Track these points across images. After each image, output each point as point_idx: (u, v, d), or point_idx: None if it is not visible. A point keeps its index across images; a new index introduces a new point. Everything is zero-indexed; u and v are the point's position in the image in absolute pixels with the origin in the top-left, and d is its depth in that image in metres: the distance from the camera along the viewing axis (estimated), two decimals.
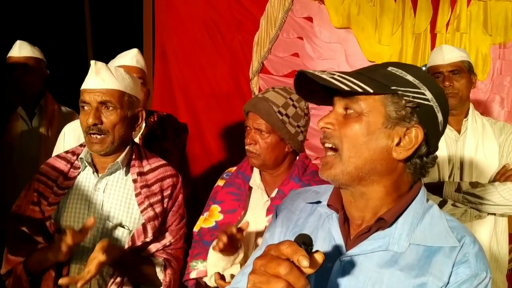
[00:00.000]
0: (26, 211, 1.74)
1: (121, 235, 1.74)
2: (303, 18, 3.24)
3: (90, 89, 1.70)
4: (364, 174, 1.02)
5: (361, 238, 1.05)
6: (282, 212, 1.23)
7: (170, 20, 3.37)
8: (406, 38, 3.08)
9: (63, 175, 1.78)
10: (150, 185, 1.80)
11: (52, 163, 1.83)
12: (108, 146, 1.72)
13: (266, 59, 3.27)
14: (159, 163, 1.88)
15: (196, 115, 3.38)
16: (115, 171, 1.80)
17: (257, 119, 1.81)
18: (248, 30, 3.29)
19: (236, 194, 1.89)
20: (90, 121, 1.67)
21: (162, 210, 1.79)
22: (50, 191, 1.75)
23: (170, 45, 3.39)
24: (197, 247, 1.87)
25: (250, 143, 1.83)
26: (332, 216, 1.11)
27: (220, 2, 3.30)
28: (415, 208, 1.05)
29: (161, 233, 1.80)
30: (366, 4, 3.12)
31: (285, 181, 1.84)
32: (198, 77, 3.37)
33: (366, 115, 1.01)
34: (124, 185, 1.79)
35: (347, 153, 1.02)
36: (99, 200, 1.76)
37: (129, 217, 1.77)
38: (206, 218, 1.91)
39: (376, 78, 1.02)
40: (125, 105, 1.73)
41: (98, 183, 1.77)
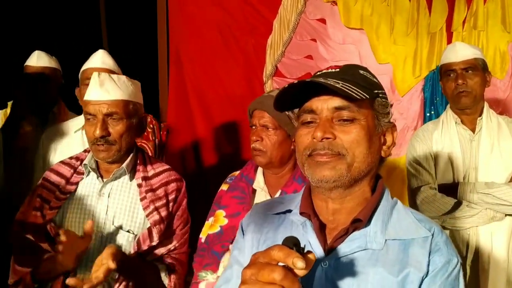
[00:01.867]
0: (29, 217, 1.76)
1: (126, 239, 1.75)
2: (316, 20, 3.22)
3: (95, 101, 1.71)
4: (362, 176, 1.05)
5: (339, 241, 1.04)
6: (250, 227, 1.20)
7: (184, 25, 3.39)
8: (421, 38, 3.02)
9: (66, 180, 1.79)
10: (155, 189, 1.81)
11: (55, 169, 1.85)
12: (115, 154, 1.74)
13: (280, 62, 3.25)
14: (163, 167, 1.89)
15: (211, 118, 3.39)
16: (120, 176, 1.81)
17: (263, 116, 1.81)
18: (261, 34, 3.28)
19: (240, 197, 1.88)
20: (98, 133, 1.69)
21: (167, 214, 1.79)
22: (52, 195, 1.77)
23: (185, 50, 3.41)
24: (206, 257, 1.84)
25: (256, 140, 1.81)
26: (305, 223, 1.09)
27: (233, 7, 3.31)
28: (384, 205, 1.08)
29: (166, 237, 1.80)
30: (380, 4, 3.07)
31: (289, 182, 1.83)
32: (212, 81, 3.38)
33: (364, 121, 1.03)
34: (129, 190, 1.80)
35: (354, 159, 1.02)
36: (104, 205, 1.77)
37: (134, 221, 1.78)
38: (211, 224, 1.90)
39: (361, 83, 1.04)
40: (131, 114, 1.75)
41: (103, 188, 1.79)
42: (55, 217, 1.76)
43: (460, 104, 2.25)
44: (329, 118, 1.03)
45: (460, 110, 2.28)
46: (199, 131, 3.40)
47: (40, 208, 1.76)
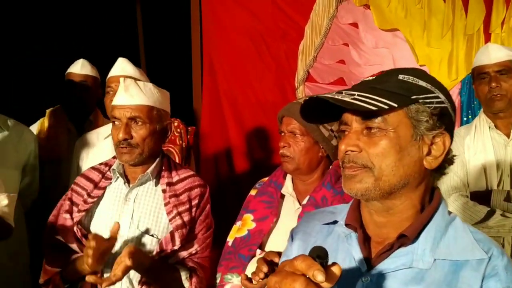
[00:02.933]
0: (60, 220, 1.85)
1: (150, 243, 1.80)
2: (348, 24, 3.18)
3: (120, 105, 1.78)
4: (396, 189, 0.99)
5: (383, 256, 0.99)
6: (298, 235, 1.19)
7: (216, 34, 3.45)
8: (457, 40, 2.93)
9: (94, 185, 1.86)
10: (179, 194, 1.85)
11: (86, 174, 1.93)
12: (137, 156, 1.78)
13: (312, 67, 3.24)
14: (187, 173, 1.92)
15: (243, 125, 3.42)
16: (145, 181, 1.86)
17: (291, 122, 1.81)
18: (293, 39, 3.28)
19: (268, 202, 1.89)
20: (121, 136, 1.75)
21: (190, 219, 1.82)
22: (81, 199, 1.84)
23: (217, 59, 3.45)
24: (233, 260, 1.86)
25: (284, 146, 1.82)
26: (351, 235, 1.06)
27: (264, 13, 3.33)
28: (438, 221, 1.00)
29: (188, 241, 1.83)
30: (414, 6, 3.00)
31: (317, 188, 1.82)
32: (244, 88, 3.41)
33: (394, 131, 0.96)
34: (154, 195, 1.85)
35: (381, 172, 0.97)
36: (130, 210, 1.82)
37: (158, 226, 1.82)
38: (239, 228, 1.92)
39: (393, 90, 0.97)
40: (154, 119, 1.79)
41: (129, 193, 1.84)
42: (83, 220, 1.83)
43: (493, 107, 2.17)
44: (358, 129, 0.99)
45: (494, 114, 2.19)
46: (232, 137, 3.43)
47: (70, 211, 1.84)
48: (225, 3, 3.44)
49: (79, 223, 1.81)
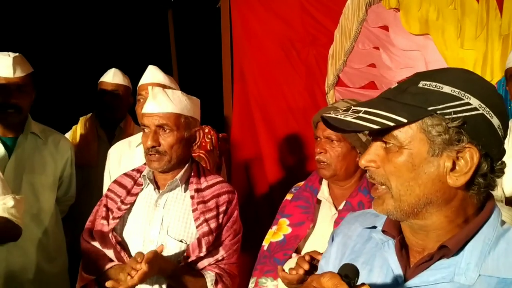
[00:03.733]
0: (96, 226, 1.89)
1: (179, 249, 1.82)
2: (378, 27, 3.14)
3: (149, 113, 1.82)
4: (419, 209, 0.92)
5: (422, 267, 0.93)
6: (338, 237, 1.15)
7: (246, 41, 3.47)
8: (492, 40, 2.84)
9: (127, 191, 1.90)
10: (206, 201, 1.86)
11: (119, 180, 1.98)
12: (165, 164, 1.82)
13: (342, 71, 3.21)
14: (216, 180, 1.94)
15: (274, 131, 3.42)
16: (175, 187, 1.89)
17: (326, 128, 1.79)
18: (322, 44, 3.26)
19: (304, 207, 1.88)
20: (149, 144, 1.79)
21: (217, 226, 1.83)
22: (115, 205, 1.89)
23: (248, 65, 3.48)
24: (267, 264, 1.86)
25: (320, 152, 1.80)
26: (388, 243, 1.01)
27: (294, 19, 3.33)
28: (487, 233, 0.91)
29: (215, 247, 1.85)
30: (446, 7, 2.93)
31: (354, 193, 1.79)
32: (275, 94, 3.41)
33: (407, 147, 0.89)
34: (183, 201, 1.87)
35: (397, 192, 0.92)
36: (159, 216, 1.86)
37: (187, 232, 1.84)
38: (274, 232, 1.91)
39: (408, 101, 0.89)
40: (182, 127, 1.82)
41: (159, 199, 1.87)
42: (117, 226, 1.87)
43: None
44: (378, 144, 0.95)
45: None
46: (262, 143, 3.44)
47: (106, 217, 1.90)
48: (255, 10, 3.46)
49: (113, 230, 1.85)
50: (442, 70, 0.95)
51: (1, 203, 1.87)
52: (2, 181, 1.94)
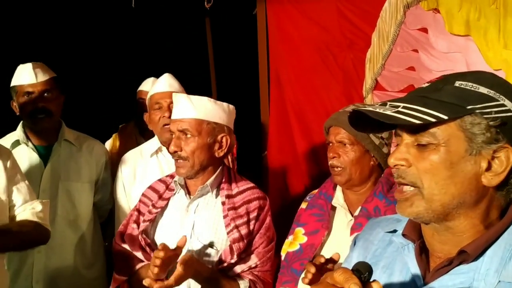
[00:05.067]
0: (128, 230, 1.94)
1: (210, 254, 1.84)
2: (417, 30, 3.07)
3: (173, 119, 1.87)
4: (451, 209, 0.91)
5: (441, 271, 0.93)
6: (360, 242, 1.16)
7: (282, 46, 3.47)
8: None
9: (159, 196, 1.93)
10: (237, 207, 1.87)
11: (153, 186, 2.02)
12: (189, 170, 1.84)
13: (380, 75, 3.15)
14: (247, 185, 1.94)
15: (311, 137, 3.39)
16: (206, 193, 1.90)
17: (339, 132, 1.78)
18: (360, 48, 3.22)
19: (318, 215, 1.86)
20: (171, 149, 1.84)
21: (248, 232, 1.83)
22: (147, 209, 1.92)
23: (284, 71, 3.47)
24: (285, 274, 1.85)
25: (334, 156, 1.78)
26: (408, 246, 1.01)
27: (331, 24, 3.30)
28: (508, 239, 0.90)
29: (248, 254, 1.85)
30: (487, 7, 2.84)
31: (369, 198, 1.76)
32: (312, 100, 3.38)
33: (444, 145, 0.89)
34: (214, 207, 1.89)
35: (430, 191, 0.90)
36: (190, 221, 1.88)
37: (218, 237, 1.86)
38: (291, 242, 1.90)
39: (446, 99, 0.89)
40: (205, 132, 1.83)
41: (190, 205, 1.89)
42: (149, 230, 1.90)
43: None
44: (409, 142, 0.93)
45: None
46: (300, 149, 3.42)
47: (137, 221, 1.94)
48: (291, 16, 3.46)
49: (144, 232, 1.88)
50: (474, 72, 0.98)
51: (30, 208, 1.94)
52: (28, 187, 2.01)
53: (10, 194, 1.93)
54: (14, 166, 1.99)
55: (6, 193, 1.91)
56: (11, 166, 1.97)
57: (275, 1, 3.48)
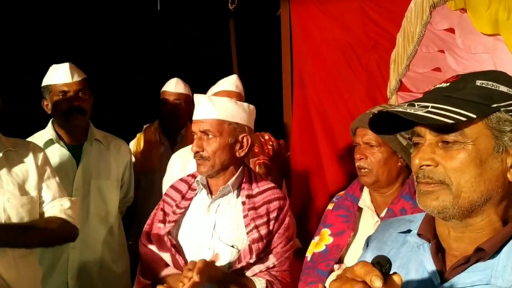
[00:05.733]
0: (154, 230, 1.95)
1: (230, 254, 1.84)
2: (443, 30, 3.02)
3: (195, 120, 1.89)
4: (477, 206, 0.92)
5: (458, 269, 0.93)
6: (373, 243, 1.16)
7: (306, 47, 3.46)
8: None
9: (182, 196, 1.94)
10: (257, 207, 1.87)
11: (175, 185, 2.03)
12: (210, 169, 1.85)
13: (405, 76, 3.10)
14: (267, 186, 1.94)
15: (334, 138, 3.37)
16: (227, 193, 1.91)
17: (366, 133, 1.77)
18: (384, 49, 3.18)
19: (345, 216, 1.86)
20: (193, 149, 1.85)
21: (267, 232, 1.83)
22: (171, 209, 1.93)
23: (307, 72, 3.46)
24: (311, 275, 1.85)
25: (361, 158, 1.78)
26: (423, 246, 1.01)
27: (355, 25, 3.27)
28: None
29: (266, 254, 1.85)
30: None
31: (395, 199, 1.75)
32: (335, 101, 3.36)
33: (473, 143, 0.90)
34: (235, 207, 1.90)
35: (459, 188, 0.91)
36: (212, 220, 1.89)
37: (238, 237, 1.87)
38: (317, 243, 1.90)
39: (471, 98, 0.90)
40: (226, 133, 1.84)
41: (211, 204, 1.90)
42: (172, 230, 1.91)
43: None
44: (433, 142, 0.93)
45: None
46: (323, 150, 3.40)
47: (162, 221, 1.96)
48: (315, 17, 3.44)
49: (169, 233, 1.89)
50: (489, 71, 0.98)
51: (59, 205, 1.97)
52: (58, 185, 2.05)
53: (40, 190, 1.97)
54: (45, 163, 2.03)
55: (37, 190, 1.95)
56: (42, 163, 2.00)
57: (299, 2, 3.47)
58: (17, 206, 1.86)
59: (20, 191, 1.89)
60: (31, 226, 1.85)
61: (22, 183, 1.91)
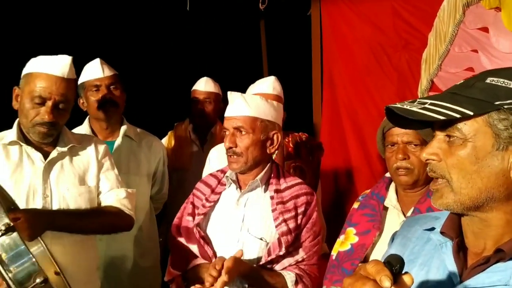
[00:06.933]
0: (183, 222, 2.01)
1: (259, 247, 1.87)
2: (477, 29, 2.97)
3: (228, 117, 1.92)
4: (480, 203, 0.93)
5: (478, 269, 0.94)
6: (398, 239, 1.17)
7: (337, 47, 3.46)
8: None
9: (211, 190, 1.99)
10: (285, 202, 1.90)
11: (205, 180, 2.08)
12: (242, 165, 1.89)
13: (436, 76, 3.07)
14: (295, 181, 1.97)
15: (364, 138, 3.36)
16: (255, 188, 1.95)
17: (406, 132, 1.74)
18: (415, 49, 3.15)
19: (370, 215, 1.84)
20: (227, 145, 1.89)
21: (295, 226, 1.86)
22: (200, 202, 1.98)
23: (338, 72, 3.46)
24: (336, 273, 1.85)
25: (404, 158, 1.74)
26: (446, 244, 1.02)
27: (385, 23, 3.26)
28: None
29: (295, 248, 1.87)
30: None
31: (422, 199, 1.73)
32: (365, 101, 3.36)
33: (471, 140, 0.91)
34: (263, 201, 1.93)
35: (458, 184, 0.93)
36: (241, 214, 1.92)
37: (267, 230, 1.89)
38: (342, 242, 1.90)
39: (475, 95, 0.91)
40: (258, 129, 1.88)
41: (240, 198, 1.94)
42: (202, 223, 1.96)
43: None
44: (441, 138, 0.96)
45: None
46: (352, 150, 3.40)
47: (191, 214, 2.01)
48: (345, 16, 3.44)
49: (198, 225, 1.93)
50: (508, 68, 0.97)
51: (115, 195, 2.04)
52: (116, 176, 2.12)
53: (98, 181, 2.06)
54: (105, 155, 2.12)
55: (95, 181, 2.04)
56: (102, 156, 2.10)
57: (329, 2, 3.48)
58: (75, 195, 1.95)
59: (79, 181, 1.98)
60: (87, 212, 1.92)
61: (82, 174, 2.01)
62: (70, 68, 1.90)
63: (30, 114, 1.86)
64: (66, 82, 1.88)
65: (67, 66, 1.88)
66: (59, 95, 1.86)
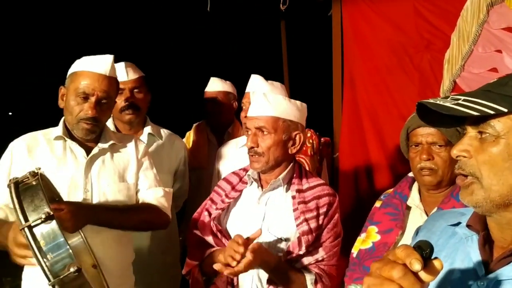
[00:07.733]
0: (201, 217, 2.05)
1: (279, 245, 1.88)
2: (501, 29, 2.93)
3: (250, 117, 1.94)
4: (510, 200, 0.93)
5: (504, 262, 0.94)
6: (422, 232, 1.18)
7: (357, 46, 3.44)
8: None
9: (232, 187, 2.01)
10: (307, 202, 1.90)
11: (227, 177, 2.11)
12: (264, 165, 1.90)
13: (459, 77, 3.03)
14: (317, 182, 1.97)
15: (384, 139, 3.33)
16: (277, 187, 1.95)
17: (431, 133, 1.73)
18: (437, 49, 3.12)
19: (393, 214, 1.84)
20: (249, 145, 1.90)
21: (317, 226, 1.86)
22: (220, 198, 2.01)
23: (358, 71, 3.44)
24: (357, 271, 1.85)
25: (428, 159, 1.74)
26: (472, 238, 1.03)
27: (407, 24, 3.23)
28: None
29: (315, 248, 1.87)
30: None
31: (446, 199, 1.72)
32: (385, 102, 3.33)
33: (504, 137, 0.92)
34: (284, 201, 1.93)
35: (489, 181, 0.93)
36: (261, 212, 1.93)
37: (287, 229, 1.90)
38: (363, 240, 1.89)
39: (509, 93, 0.92)
40: (280, 129, 1.88)
41: (262, 197, 1.95)
42: (221, 218, 2.00)
43: None
44: (472, 135, 0.96)
45: None
46: (372, 151, 3.37)
47: (209, 209, 2.02)
48: (367, 17, 3.42)
49: (216, 220, 1.96)
50: None
51: (153, 193, 2.08)
52: (155, 175, 2.16)
53: (137, 179, 2.10)
54: (145, 155, 2.17)
55: (135, 179, 2.09)
56: (142, 155, 2.15)
57: (350, 2, 3.46)
58: (115, 191, 2.00)
59: (119, 178, 2.03)
60: (127, 208, 1.96)
61: (122, 171, 2.06)
62: (112, 66, 1.96)
63: (75, 110, 1.92)
64: (108, 80, 1.94)
65: (109, 64, 1.95)
66: (102, 91, 1.92)
